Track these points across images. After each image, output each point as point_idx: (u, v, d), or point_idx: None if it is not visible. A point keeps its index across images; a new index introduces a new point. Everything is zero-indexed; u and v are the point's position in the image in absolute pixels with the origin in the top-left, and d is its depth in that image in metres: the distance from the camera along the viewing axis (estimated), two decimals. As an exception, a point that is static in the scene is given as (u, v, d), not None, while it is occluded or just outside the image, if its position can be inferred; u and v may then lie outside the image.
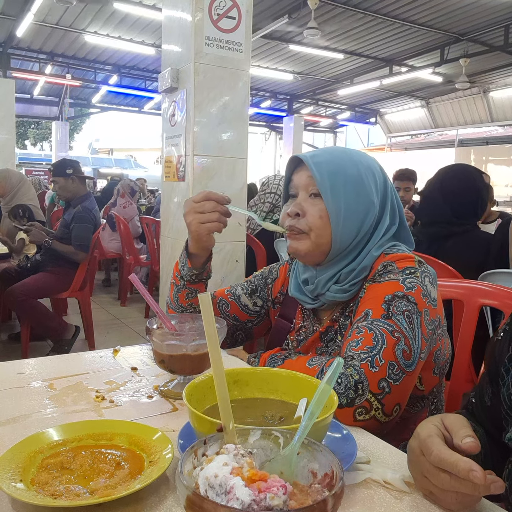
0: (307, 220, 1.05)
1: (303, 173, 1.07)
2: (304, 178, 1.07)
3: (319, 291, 1.08)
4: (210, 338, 0.56)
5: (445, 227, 2.17)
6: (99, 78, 13.46)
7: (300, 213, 1.06)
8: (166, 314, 1.04)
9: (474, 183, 2.18)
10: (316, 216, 1.04)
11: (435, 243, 2.21)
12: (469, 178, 2.17)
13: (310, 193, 1.06)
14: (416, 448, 0.65)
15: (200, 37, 2.95)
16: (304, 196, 1.07)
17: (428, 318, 0.96)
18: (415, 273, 0.99)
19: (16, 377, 1.04)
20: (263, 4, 8.00)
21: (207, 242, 1.12)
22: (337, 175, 1.04)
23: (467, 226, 2.16)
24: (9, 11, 8.83)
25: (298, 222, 1.06)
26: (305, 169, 1.07)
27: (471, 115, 15.50)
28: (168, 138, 3.33)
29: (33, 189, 4.36)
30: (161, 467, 0.66)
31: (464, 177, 2.17)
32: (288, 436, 0.55)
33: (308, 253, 1.06)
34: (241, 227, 3.20)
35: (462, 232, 2.15)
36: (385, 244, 1.07)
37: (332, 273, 1.07)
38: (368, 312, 0.96)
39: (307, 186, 1.06)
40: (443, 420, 0.66)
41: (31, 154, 24.10)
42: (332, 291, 1.07)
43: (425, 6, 8.33)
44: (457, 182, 2.15)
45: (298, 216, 1.06)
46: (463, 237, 2.15)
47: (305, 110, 17.07)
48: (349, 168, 1.05)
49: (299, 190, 1.08)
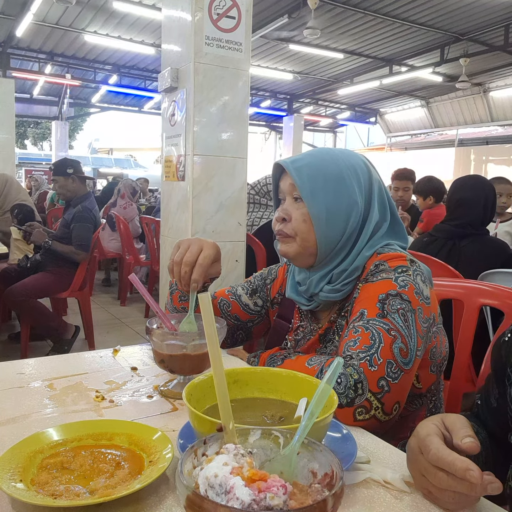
0: (292, 224, 1.06)
1: (287, 178, 1.09)
2: (288, 184, 1.08)
3: (312, 291, 1.09)
4: (210, 338, 0.56)
5: (467, 229, 2.38)
6: (99, 78, 13.46)
7: (286, 218, 1.08)
8: (166, 314, 1.04)
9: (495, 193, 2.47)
10: (300, 220, 1.05)
11: (451, 241, 2.39)
12: (494, 189, 2.45)
13: (294, 197, 1.07)
14: (415, 447, 0.65)
15: (200, 36, 2.95)
16: (290, 201, 1.08)
17: (422, 316, 0.97)
18: (407, 272, 1.00)
19: (16, 377, 1.04)
20: (263, 4, 8.00)
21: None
22: (317, 178, 1.04)
23: (482, 231, 2.40)
24: (9, 11, 8.83)
25: (285, 226, 1.08)
26: (288, 174, 1.08)
27: (471, 115, 15.50)
28: (168, 137, 3.33)
29: (23, 189, 4.34)
30: (161, 467, 0.66)
31: (494, 188, 2.44)
32: (288, 436, 0.55)
33: (296, 256, 1.08)
34: (241, 227, 3.20)
35: (478, 234, 2.38)
36: (377, 244, 1.07)
37: (323, 273, 1.08)
38: (363, 312, 0.96)
39: (291, 191, 1.08)
40: (443, 419, 0.66)
41: (30, 154, 24.10)
42: (325, 291, 1.07)
43: (425, 5, 8.33)
44: (494, 194, 2.41)
45: (285, 221, 1.08)
46: (479, 239, 2.37)
47: (305, 110, 17.07)
48: (330, 169, 1.06)
49: (286, 195, 1.10)
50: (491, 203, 2.39)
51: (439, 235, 2.43)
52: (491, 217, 2.43)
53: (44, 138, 28.07)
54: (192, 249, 1.06)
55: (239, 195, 3.18)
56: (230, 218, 3.15)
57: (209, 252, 1.06)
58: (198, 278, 1.04)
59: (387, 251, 1.05)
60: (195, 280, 1.04)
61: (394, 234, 1.11)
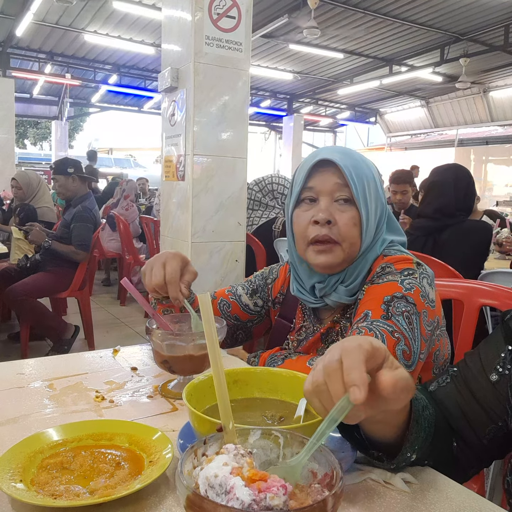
0: (340, 229, 0.99)
1: (327, 177, 1.01)
2: (331, 183, 1.01)
3: (327, 291, 1.06)
4: (210, 338, 0.56)
5: (439, 219, 2.33)
6: (99, 78, 13.44)
7: (332, 220, 0.99)
8: (160, 315, 1.04)
9: (473, 180, 2.42)
10: (350, 225, 0.99)
11: (431, 237, 2.35)
12: (472, 180, 2.40)
13: (338, 198, 1.01)
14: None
15: (200, 36, 2.95)
16: (329, 202, 1.01)
17: (426, 319, 0.96)
18: (413, 275, 0.99)
19: (16, 377, 1.04)
20: (263, 4, 8.00)
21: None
22: (362, 179, 1.01)
23: (459, 218, 2.33)
24: (9, 11, 8.82)
25: (331, 231, 0.99)
26: (330, 172, 1.01)
27: (471, 115, 15.49)
28: (168, 137, 3.33)
29: (48, 191, 4.36)
30: (161, 467, 0.66)
31: (471, 177, 2.40)
32: (288, 436, 0.55)
33: (339, 265, 1.02)
34: (241, 227, 3.20)
35: (454, 223, 2.32)
36: (385, 240, 1.07)
37: (342, 274, 1.06)
38: (367, 313, 0.96)
39: (333, 191, 1.01)
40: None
41: (30, 153, 24.04)
42: (339, 291, 1.05)
43: (425, 5, 8.32)
44: (468, 180, 2.37)
45: (329, 224, 1.00)
46: (457, 228, 2.31)
47: (305, 110, 17.05)
48: (366, 171, 1.03)
49: (321, 195, 1.02)
50: (465, 186, 2.34)
51: (418, 233, 2.41)
52: (468, 202, 2.38)
53: (44, 138, 28.04)
54: (155, 272, 1.02)
55: (239, 195, 3.17)
56: (230, 218, 3.15)
57: (172, 265, 1.01)
58: (175, 295, 1.01)
59: (394, 253, 1.05)
60: (174, 298, 1.01)
61: (391, 229, 1.12)
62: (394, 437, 0.67)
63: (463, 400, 0.78)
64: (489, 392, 0.76)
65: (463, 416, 0.77)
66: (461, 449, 0.77)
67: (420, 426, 0.67)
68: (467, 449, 0.77)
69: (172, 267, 1.01)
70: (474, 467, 0.80)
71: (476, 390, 0.77)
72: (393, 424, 0.66)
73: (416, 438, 0.66)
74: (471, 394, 0.77)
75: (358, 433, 0.70)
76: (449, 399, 0.79)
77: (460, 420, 0.77)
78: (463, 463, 0.77)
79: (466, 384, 0.79)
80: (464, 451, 0.77)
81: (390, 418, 0.64)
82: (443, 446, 0.75)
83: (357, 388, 0.51)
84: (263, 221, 3.35)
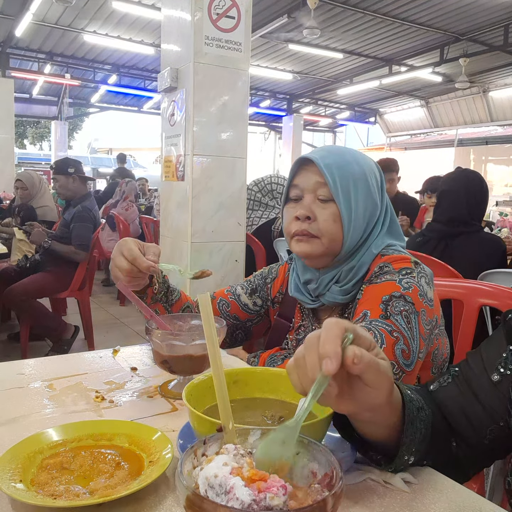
0: (319, 224, 1.03)
1: (310, 175, 1.05)
2: (312, 181, 1.04)
3: (321, 291, 1.08)
4: (209, 338, 0.56)
5: (457, 226, 2.33)
6: (98, 78, 13.43)
7: (311, 216, 1.03)
8: (158, 316, 1.03)
9: (487, 189, 2.42)
10: (330, 221, 1.02)
11: (443, 241, 2.36)
12: (485, 184, 2.40)
13: (319, 196, 1.04)
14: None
15: (199, 36, 2.95)
16: (312, 199, 1.04)
17: (425, 318, 0.96)
18: (412, 274, 0.99)
19: (16, 377, 1.04)
20: (263, 4, 7.99)
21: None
22: (347, 178, 1.02)
23: (474, 227, 2.33)
24: (8, 11, 8.81)
25: (310, 226, 1.03)
26: (312, 171, 1.04)
27: (470, 115, 15.49)
28: (168, 137, 3.33)
29: (48, 190, 4.37)
30: (161, 467, 0.66)
31: (483, 182, 2.40)
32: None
33: (318, 256, 1.05)
34: (241, 227, 3.20)
35: (469, 232, 2.32)
36: (383, 243, 1.08)
37: (335, 273, 1.07)
38: (366, 312, 0.96)
39: (315, 189, 1.04)
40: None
41: (30, 153, 24.05)
42: (333, 291, 1.07)
43: (425, 5, 8.32)
44: (480, 186, 2.36)
45: (309, 220, 1.04)
46: (471, 235, 2.32)
47: (305, 110, 17.05)
48: (355, 169, 1.04)
49: (305, 193, 1.05)
50: (475, 194, 2.33)
51: (431, 235, 2.42)
52: (481, 209, 2.38)
53: (43, 138, 28.03)
54: (117, 262, 1.00)
55: (239, 195, 3.18)
56: (230, 218, 3.15)
57: (127, 247, 1.00)
58: (146, 264, 0.97)
59: (391, 253, 1.05)
60: (146, 267, 0.98)
61: (392, 233, 1.12)
62: (390, 438, 0.67)
63: (464, 400, 0.78)
64: (491, 392, 0.76)
65: (464, 416, 0.77)
66: (461, 449, 0.77)
67: (415, 428, 0.67)
68: (467, 449, 0.77)
69: (127, 248, 0.99)
70: (474, 467, 0.80)
71: (477, 390, 0.77)
72: (385, 425, 0.65)
73: (412, 440, 0.66)
74: (473, 394, 0.77)
75: (358, 434, 0.70)
76: (450, 399, 0.79)
77: (461, 420, 0.77)
78: (463, 463, 0.77)
79: (467, 384, 0.78)
80: (465, 451, 0.77)
81: (380, 418, 0.63)
82: (442, 446, 0.74)
83: (329, 359, 0.51)
84: (263, 221, 3.36)
